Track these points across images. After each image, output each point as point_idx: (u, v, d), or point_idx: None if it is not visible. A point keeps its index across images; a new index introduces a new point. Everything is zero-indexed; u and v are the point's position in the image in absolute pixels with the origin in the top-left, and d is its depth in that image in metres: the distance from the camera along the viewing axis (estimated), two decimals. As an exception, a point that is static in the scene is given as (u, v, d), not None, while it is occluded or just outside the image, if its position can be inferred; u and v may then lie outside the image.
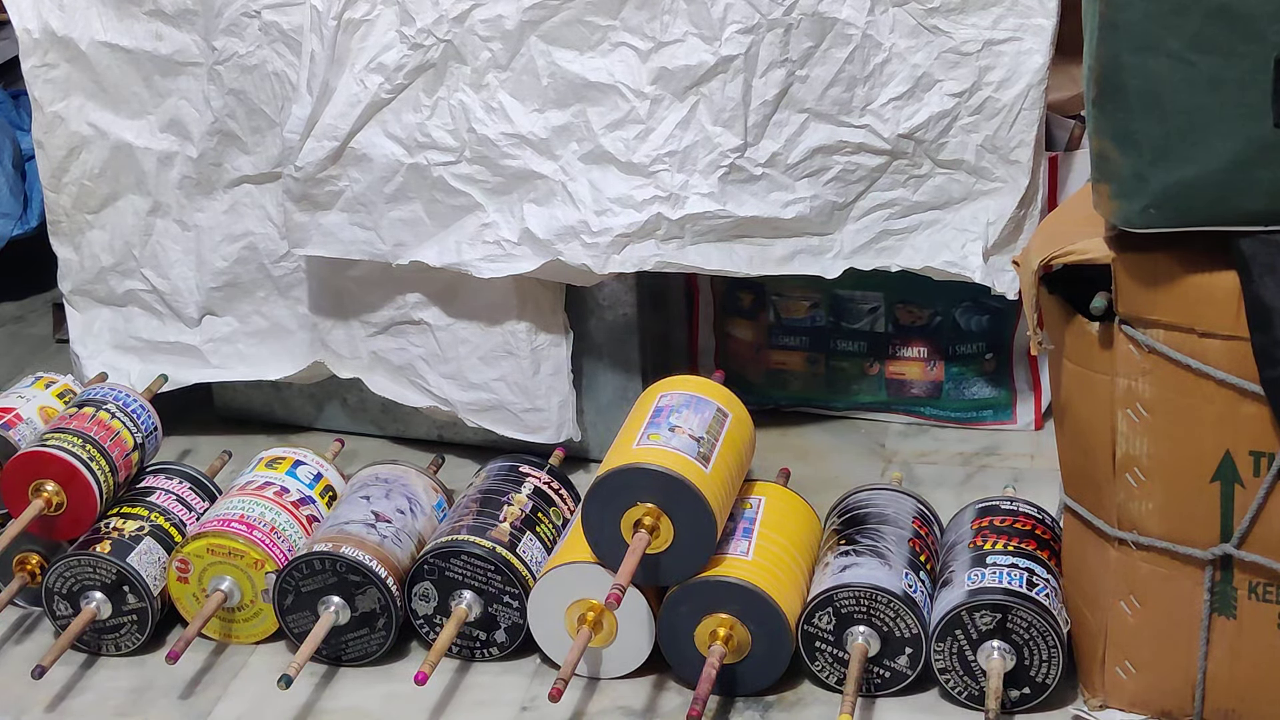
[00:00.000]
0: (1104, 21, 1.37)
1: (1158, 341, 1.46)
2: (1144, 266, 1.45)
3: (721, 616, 1.62)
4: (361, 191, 2.01)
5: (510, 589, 1.69)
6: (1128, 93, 1.38)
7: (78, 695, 1.72)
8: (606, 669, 1.69)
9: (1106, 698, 1.58)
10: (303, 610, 1.72)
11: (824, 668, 1.64)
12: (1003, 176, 1.96)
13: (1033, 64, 1.91)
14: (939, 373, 2.18)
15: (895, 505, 1.75)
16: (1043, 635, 1.57)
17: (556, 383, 2.04)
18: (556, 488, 1.85)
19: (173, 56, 2.08)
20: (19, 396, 1.98)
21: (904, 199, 1.97)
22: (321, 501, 1.85)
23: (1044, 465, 2.00)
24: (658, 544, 1.61)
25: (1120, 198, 1.42)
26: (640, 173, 1.93)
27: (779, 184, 1.94)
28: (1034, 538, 1.66)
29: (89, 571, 1.75)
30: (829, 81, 1.91)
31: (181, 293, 2.17)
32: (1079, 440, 1.55)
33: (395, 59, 1.95)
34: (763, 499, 1.75)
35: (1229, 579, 1.49)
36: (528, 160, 1.95)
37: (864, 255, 1.98)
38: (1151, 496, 1.50)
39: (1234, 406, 1.44)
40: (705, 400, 1.74)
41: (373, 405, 2.21)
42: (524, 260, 1.96)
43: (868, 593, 1.60)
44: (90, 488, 1.81)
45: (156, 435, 1.96)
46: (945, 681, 1.61)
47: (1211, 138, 1.37)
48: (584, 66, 1.92)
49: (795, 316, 2.20)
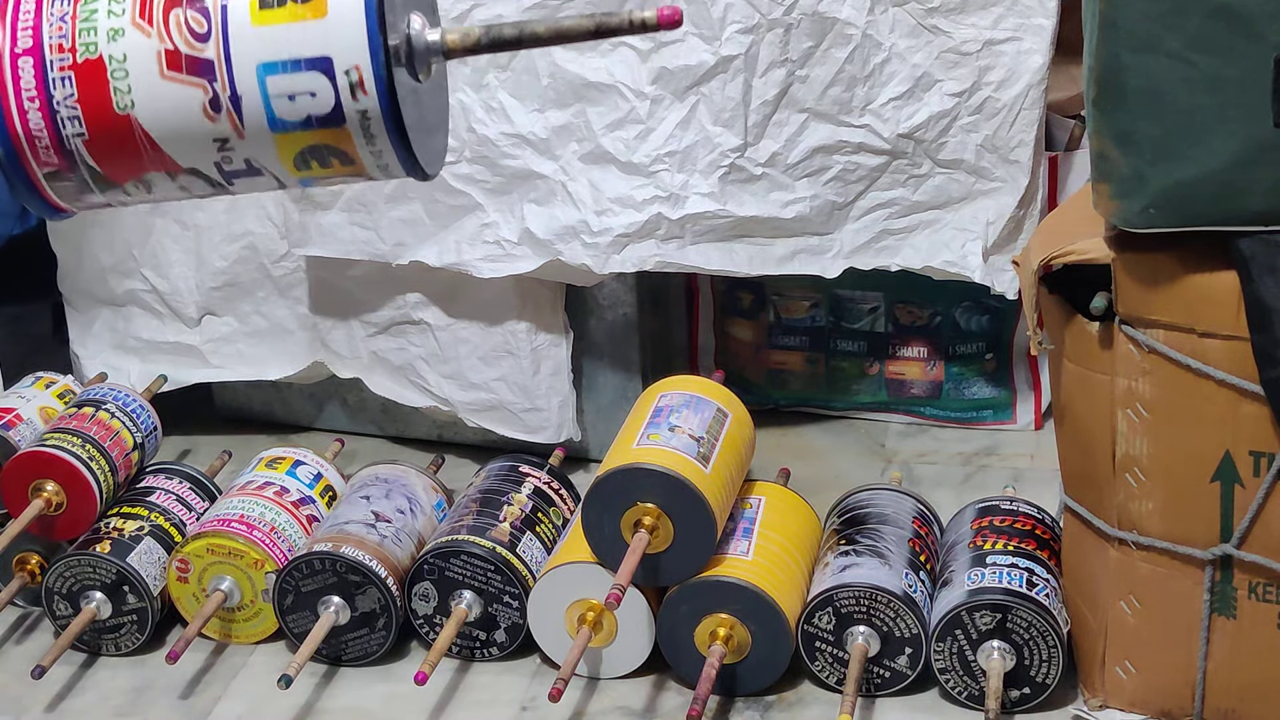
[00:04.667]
0: (1104, 21, 1.37)
1: (1158, 341, 1.46)
2: (1144, 266, 1.45)
3: (721, 616, 1.62)
4: (361, 191, 2.01)
5: (510, 589, 1.70)
6: (1128, 93, 1.38)
7: (78, 695, 1.72)
8: (606, 669, 1.69)
9: (1106, 698, 1.58)
10: (303, 610, 1.72)
11: (824, 668, 1.64)
12: (1002, 176, 1.96)
13: (1033, 64, 1.92)
14: (939, 373, 2.18)
15: (895, 505, 1.75)
16: (1043, 635, 1.57)
17: (556, 383, 2.05)
18: (556, 488, 1.85)
19: (172, 56, 2.08)
20: (19, 396, 1.98)
21: (904, 199, 1.97)
22: (321, 501, 1.85)
23: (1044, 465, 2.00)
24: (658, 544, 1.61)
25: (1120, 198, 1.42)
26: (640, 173, 1.93)
27: (779, 184, 1.94)
28: (1034, 538, 1.66)
29: (89, 571, 1.75)
30: (829, 81, 1.91)
31: (181, 293, 2.17)
32: (1079, 440, 1.55)
33: (395, 59, 1.95)
34: (763, 499, 1.75)
35: (1229, 579, 1.49)
36: (528, 160, 1.95)
37: (864, 255, 1.98)
38: (1151, 496, 1.50)
39: (1234, 406, 1.44)
40: (705, 400, 1.74)
41: (373, 405, 2.21)
42: (524, 260, 1.96)
43: (868, 593, 1.60)
44: (90, 488, 1.81)
45: (156, 435, 1.96)
46: (945, 681, 1.61)
47: (1211, 138, 1.37)
48: (584, 66, 1.92)
49: (795, 316, 2.20)
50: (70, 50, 0.95)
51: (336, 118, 0.94)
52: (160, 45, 0.94)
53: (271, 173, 0.97)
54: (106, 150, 0.95)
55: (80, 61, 0.94)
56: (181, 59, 0.94)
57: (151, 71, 0.94)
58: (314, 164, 0.96)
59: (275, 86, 0.94)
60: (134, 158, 0.95)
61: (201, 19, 0.94)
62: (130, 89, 0.94)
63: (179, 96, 0.94)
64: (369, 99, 0.94)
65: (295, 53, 0.93)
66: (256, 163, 0.95)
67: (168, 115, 0.94)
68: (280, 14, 0.93)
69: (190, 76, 0.94)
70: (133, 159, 0.95)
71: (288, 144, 0.95)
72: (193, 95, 0.94)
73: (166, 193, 0.97)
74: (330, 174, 0.97)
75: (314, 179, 0.98)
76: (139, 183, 0.96)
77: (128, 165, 0.95)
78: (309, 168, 0.97)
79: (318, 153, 0.96)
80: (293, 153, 0.96)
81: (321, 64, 0.93)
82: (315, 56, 0.93)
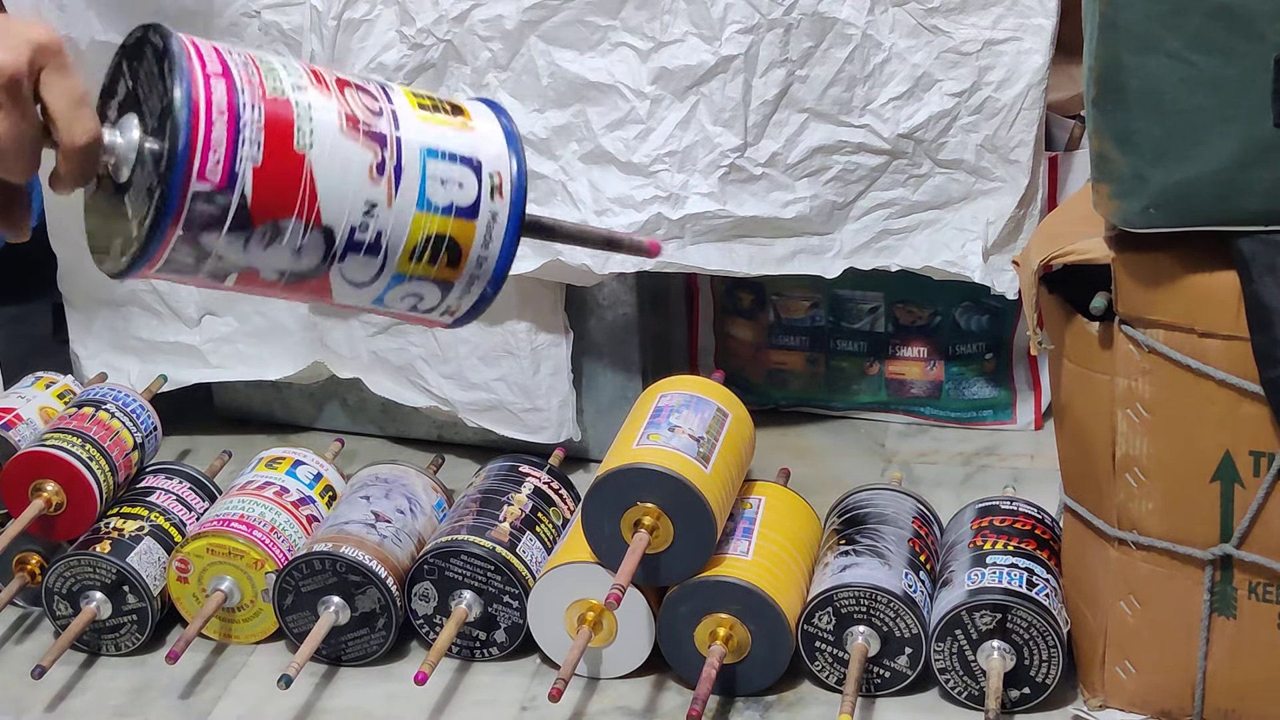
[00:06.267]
0: (1104, 21, 1.37)
1: (1158, 341, 1.46)
2: (1144, 266, 1.45)
3: (721, 616, 1.62)
4: (361, 191, 2.01)
5: (510, 589, 1.70)
6: (1128, 93, 1.38)
7: (78, 695, 1.72)
8: (606, 669, 1.69)
9: (1106, 698, 1.58)
10: (303, 610, 1.72)
11: (824, 668, 1.64)
12: (1002, 176, 1.96)
13: (1033, 64, 1.92)
14: (939, 373, 2.18)
15: (895, 505, 1.75)
16: (1043, 635, 1.57)
17: (556, 382, 2.05)
18: (556, 488, 1.85)
19: (173, 56, 2.08)
20: (19, 396, 1.98)
21: (904, 199, 1.97)
22: (321, 501, 1.85)
23: (1044, 465, 2.00)
24: (658, 544, 1.61)
25: (1120, 198, 1.42)
26: (640, 172, 1.93)
27: (779, 184, 1.94)
28: (1034, 538, 1.66)
29: (89, 571, 1.75)
30: (829, 81, 1.91)
31: (181, 292, 2.17)
32: (1079, 440, 1.55)
33: (395, 59, 1.95)
34: (763, 499, 1.75)
35: (1229, 579, 1.49)
36: (528, 160, 1.95)
37: (864, 255, 1.98)
38: (1151, 496, 1.50)
39: (1234, 406, 1.43)
40: (705, 400, 1.74)
41: (373, 405, 2.21)
42: (524, 260, 1.96)
43: (868, 593, 1.60)
44: (90, 488, 1.81)
45: (156, 435, 1.96)
46: (945, 681, 1.61)
47: (1211, 138, 1.37)
48: (584, 66, 1.92)
49: (795, 316, 2.20)
50: (259, 86, 1.00)
51: (473, 211, 1.05)
52: (341, 107, 1.02)
53: (386, 259, 1.04)
54: (270, 182, 0.99)
55: (269, 96, 1.00)
56: (359, 123, 1.02)
57: (333, 125, 1.01)
58: (425, 257, 1.05)
59: (433, 169, 1.04)
60: (290, 198, 1.00)
61: (373, 100, 1.04)
62: (312, 132, 1.00)
63: (352, 153, 1.01)
64: (503, 202, 1.07)
65: (452, 149, 1.05)
66: (383, 240, 1.03)
67: (337, 167, 1.01)
68: (437, 118, 1.06)
69: (366, 139, 1.02)
70: (288, 198, 1.00)
71: (422, 225, 1.04)
72: (364, 156, 1.02)
73: (276, 257, 1.01)
74: (427, 276, 1.06)
75: (409, 278, 1.05)
76: (271, 228, 1.00)
77: (280, 204, 1.00)
78: (419, 261, 1.05)
79: (438, 245, 1.05)
80: (420, 236, 1.04)
81: (472, 163, 1.06)
82: (468, 156, 1.06)
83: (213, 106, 0.97)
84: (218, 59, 1.00)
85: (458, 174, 1.05)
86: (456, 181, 1.05)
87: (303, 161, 1.00)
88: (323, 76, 1.03)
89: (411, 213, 1.04)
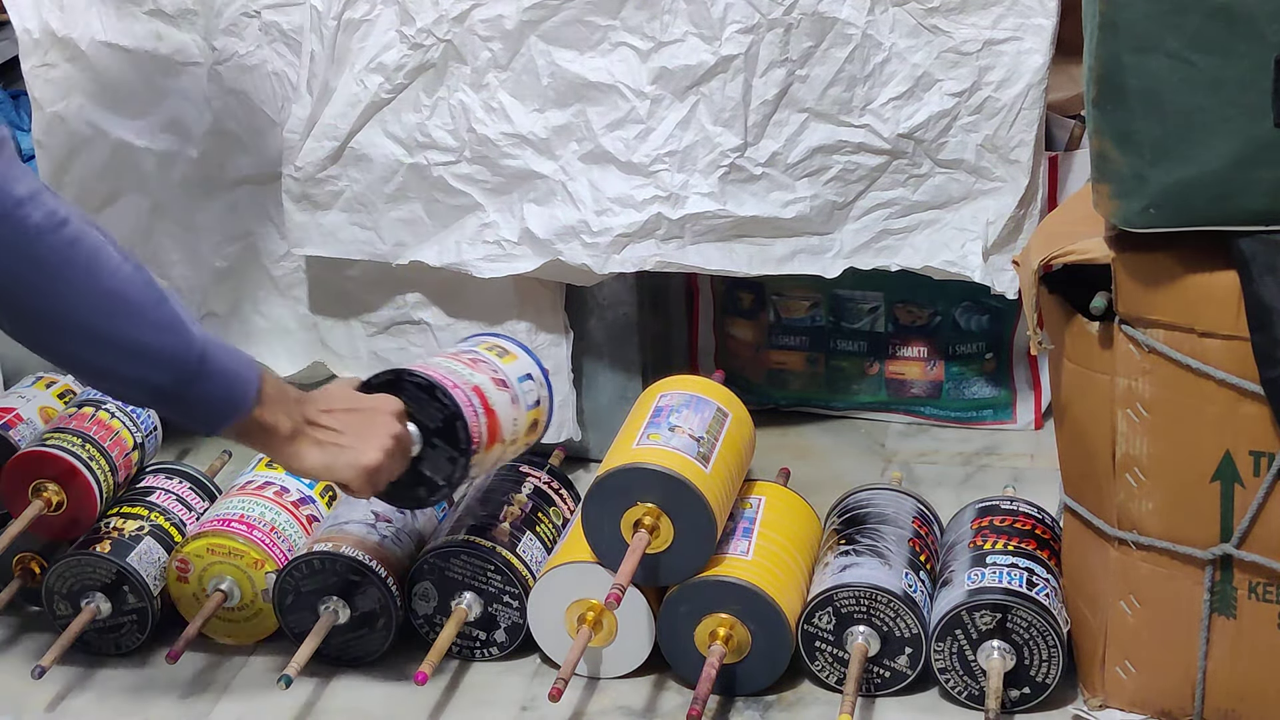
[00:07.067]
0: (1104, 21, 1.37)
1: (1158, 341, 1.46)
2: (1144, 266, 1.45)
3: (721, 616, 1.62)
4: (361, 191, 2.01)
5: (510, 589, 1.69)
6: (1128, 93, 1.38)
7: (78, 695, 1.72)
8: (606, 669, 1.69)
9: (1106, 697, 1.58)
10: (303, 610, 1.72)
11: (824, 667, 1.64)
12: (1002, 176, 1.96)
13: (1033, 64, 1.91)
14: (939, 372, 2.18)
15: (895, 505, 1.75)
16: (1043, 635, 1.57)
17: (556, 383, 2.04)
18: (556, 488, 1.85)
19: (173, 56, 2.08)
20: (19, 396, 1.98)
21: (904, 198, 1.97)
22: (321, 501, 1.84)
23: (1044, 465, 2.00)
24: (658, 544, 1.61)
25: (1120, 198, 1.42)
26: (640, 172, 1.93)
27: (779, 184, 1.94)
28: (1034, 537, 1.66)
29: (89, 571, 1.75)
30: (829, 81, 1.91)
31: (181, 292, 2.16)
32: (1079, 440, 1.55)
33: (395, 59, 1.95)
34: (763, 499, 1.75)
35: (1229, 579, 1.49)
36: (528, 160, 1.95)
37: (864, 255, 1.98)
38: (1151, 496, 1.50)
39: (1234, 406, 1.44)
40: (705, 400, 1.74)
41: (373, 405, 2.21)
42: (524, 260, 1.96)
43: (868, 592, 1.60)
44: (90, 488, 1.81)
45: (156, 435, 1.96)
46: (945, 681, 1.61)
47: (1211, 137, 1.37)
48: (584, 66, 1.92)
49: (795, 316, 2.20)
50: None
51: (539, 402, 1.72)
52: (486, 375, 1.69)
53: (497, 451, 1.66)
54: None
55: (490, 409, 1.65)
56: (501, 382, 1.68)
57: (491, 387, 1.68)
58: (521, 433, 1.69)
59: (524, 387, 1.70)
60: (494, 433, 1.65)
61: (490, 367, 1.69)
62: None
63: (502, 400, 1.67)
64: (546, 389, 1.74)
65: (522, 371, 1.71)
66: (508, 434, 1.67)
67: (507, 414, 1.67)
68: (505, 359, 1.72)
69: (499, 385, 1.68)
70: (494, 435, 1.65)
71: (526, 417, 1.69)
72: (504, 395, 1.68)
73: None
74: (508, 450, 1.68)
75: (512, 449, 1.69)
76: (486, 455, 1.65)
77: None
78: (512, 442, 1.68)
79: (534, 424, 1.72)
80: (527, 424, 1.69)
81: (531, 376, 1.72)
82: (526, 373, 1.72)
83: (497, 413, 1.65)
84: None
85: (531, 387, 1.71)
86: (529, 385, 1.71)
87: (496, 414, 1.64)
88: (468, 361, 1.67)
89: (524, 414, 1.69)
